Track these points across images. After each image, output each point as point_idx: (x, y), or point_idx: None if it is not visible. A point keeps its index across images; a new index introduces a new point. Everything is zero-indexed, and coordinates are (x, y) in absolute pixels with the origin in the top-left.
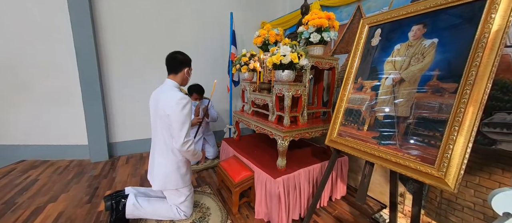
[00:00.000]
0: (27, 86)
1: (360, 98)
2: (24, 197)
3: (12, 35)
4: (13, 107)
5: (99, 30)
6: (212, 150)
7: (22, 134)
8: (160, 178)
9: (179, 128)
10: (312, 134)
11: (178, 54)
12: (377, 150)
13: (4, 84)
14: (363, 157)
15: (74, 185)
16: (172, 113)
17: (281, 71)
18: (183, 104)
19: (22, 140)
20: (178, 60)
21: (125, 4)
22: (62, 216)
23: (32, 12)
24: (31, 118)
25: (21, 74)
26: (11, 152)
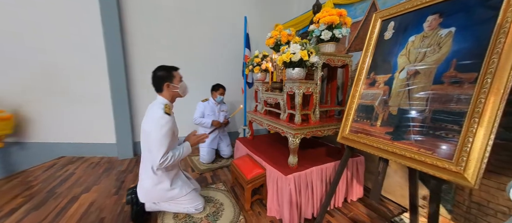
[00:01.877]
0: (67, 91)
1: (372, 93)
2: (63, 187)
3: (55, 48)
4: (56, 109)
5: (127, 42)
6: (227, 149)
7: (63, 133)
8: (142, 192)
9: (157, 148)
10: (325, 132)
11: (156, 71)
12: (391, 146)
13: (48, 90)
14: (376, 153)
15: (104, 179)
16: (151, 131)
17: (291, 69)
18: (161, 124)
19: (63, 138)
20: (156, 78)
21: (150, 15)
22: (93, 205)
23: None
24: (70, 119)
25: (62, 81)
26: (54, 149)
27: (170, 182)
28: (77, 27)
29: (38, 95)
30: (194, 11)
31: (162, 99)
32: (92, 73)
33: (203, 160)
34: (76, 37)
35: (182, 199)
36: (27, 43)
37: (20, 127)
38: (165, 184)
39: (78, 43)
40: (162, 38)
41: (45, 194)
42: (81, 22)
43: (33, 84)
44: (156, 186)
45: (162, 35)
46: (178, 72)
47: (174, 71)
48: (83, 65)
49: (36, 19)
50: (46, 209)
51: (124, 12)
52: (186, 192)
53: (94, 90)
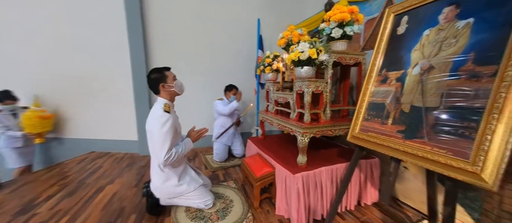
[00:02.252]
0: (97, 94)
1: (384, 90)
2: (91, 178)
3: (88, 55)
4: (88, 109)
5: (148, 48)
6: (240, 149)
7: (93, 130)
8: (154, 189)
9: (160, 146)
10: (335, 131)
11: (149, 75)
12: (402, 145)
13: (82, 92)
14: (387, 152)
15: (126, 172)
16: (153, 130)
17: (300, 68)
18: (162, 122)
19: (93, 135)
20: (151, 81)
21: (169, 22)
22: (116, 195)
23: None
24: (99, 118)
25: (93, 84)
26: (85, 145)
27: (178, 178)
28: (106, 36)
29: (74, 97)
30: (209, 16)
31: (162, 100)
32: (118, 77)
33: (216, 158)
34: (105, 46)
35: (191, 194)
36: (65, 52)
37: (59, 125)
38: (173, 180)
39: (106, 50)
40: (180, 43)
41: (76, 184)
42: (110, 32)
43: (70, 88)
44: (164, 183)
45: (180, 40)
46: (171, 71)
47: (166, 71)
48: (110, 70)
49: (72, 31)
50: (76, 197)
51: (146, 21)
52: (194, 188)
53: (119, 93)
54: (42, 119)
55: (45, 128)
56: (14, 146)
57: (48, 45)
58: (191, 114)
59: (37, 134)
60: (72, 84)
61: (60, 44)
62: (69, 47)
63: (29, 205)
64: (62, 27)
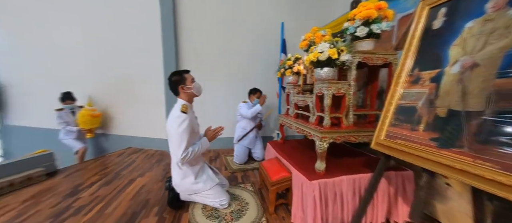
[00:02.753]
0: (136, 95)
1: (415, 93)
2: (126, 171)
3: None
4: (128, 109)
5: (179, 53)
6: (260, 152)
7: (131, 128)
8: (174, 185)
9: (177, 144)
10: (359, 138)
11: (170, 77)
12: (435, 154)
13: (124, 94)
14: (417, 162)
15: (155, 168)
16: (171, 129)
17: (319, 69)
18: (179, 122)
19: (131, 133)
20: (171, 84)
21: (198, 28)
22: (144, 187)
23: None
24: (136, 117)
25: (133, 87)
26: (124, 141)
27: (195, 176)
28: (144, 43)
29: (118, 99)
30: (234, 21)
31: (180, 101)
32: (152, 81)
33: (236, 160)
34: (142, 52)
35: (207, 193)
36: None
37: (106, 122)
38: (190, 177)
39: (143, 57)
40: (206, 48)
41: (114, 174)
42: (147, 40)
43: (115, 91)
44: (182, 180)
45: (206, 46)
46: (190, 74)
47: (186, 74)
48: (146, 75)
49: (116, 41)
50: (112, 186)
51: (178, 29)
52: (210, 186)
53: (153, 95)
54: (92, 117)
55: (94, 124)
56: (71, 137)
57: (99, 53)
58: (213, 116)
59: (88, 129)
60: (117, 87)
61: (107, 51)
62: (114, 55)
63: (76, 190)
64: (109, 37)
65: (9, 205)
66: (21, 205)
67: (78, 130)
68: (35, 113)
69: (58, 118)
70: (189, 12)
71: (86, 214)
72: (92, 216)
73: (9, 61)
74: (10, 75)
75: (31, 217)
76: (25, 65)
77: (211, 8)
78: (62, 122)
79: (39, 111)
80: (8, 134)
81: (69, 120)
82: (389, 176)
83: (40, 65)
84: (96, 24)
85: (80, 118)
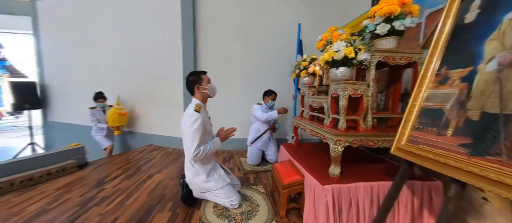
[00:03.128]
0: (157, 96)
1: (443, 93)
2: (146, 167)
3: (153, 64)
4: (149, 108)
5: (198, 56)
6: (274, 155)
7: (152, 126)
8: (188, 182)
9: (190, 142)
10: (379, 143)
11: (188, 76)
12: (466, 162)
13: (148, 95)
14: (443, 171)
15: (172, 165)
16: (185, 127)
17: (335, 69)
18: (191, 121)
19: (152, 131)
20: (188, 83)
21: (215, 31)
22: (161, 183)
23: (163, 47)
24: (157, 116)
25: (155, 88)
26: (146, 138)
27: (206, 175)
28: (166, 47)
29: (142, 98)
30: (251, 22)
31: (195, 100)
32: (172, 83)
33: (249, 161)
34: (164, 56)
35: (218, 192)
36: (137, 63)
37: (132, 121)
38: (202, 176)
39: (165, 60)
40: (223, 49)
41: (135, 169)
42: (169, 43)
43: (140, 91)
44: (194, 178)
45: (224, 47)
46: (206, 75)
47: (202, 74)
48: (167, 77)
49: (143, 46)
50: (133, 180)
51: (197, 32)
52: (221, 186)
53: (173, 95)
54: (120, 115)
55: (122, 122)
56: (102, 135)
57: (127, 57)
58: (228, 117)
59: (116, 126)
60: (141, 89)
61: (133, 56)
62: (139, 58)
63: (101, 181)
64: (135, 42)
65: (45, 192)
66: (55, 192)
67: (107, 127)
68: (72, 111)
69: (91, 116)
70: (208, 15)
71: (108, 205)
72: (113, 206)
73: (53, 64)
74: (53, 77)
75: (62, 204)
76: (65, 68)
77: (229, 10)
78: (94, 119)
79: (75, 109)
80: (50, 129)
81: (100, 118)
82: (414, 186)
83: (77, 68)
84: (124, 31)
85: (109, 116)
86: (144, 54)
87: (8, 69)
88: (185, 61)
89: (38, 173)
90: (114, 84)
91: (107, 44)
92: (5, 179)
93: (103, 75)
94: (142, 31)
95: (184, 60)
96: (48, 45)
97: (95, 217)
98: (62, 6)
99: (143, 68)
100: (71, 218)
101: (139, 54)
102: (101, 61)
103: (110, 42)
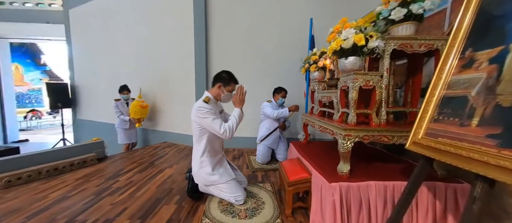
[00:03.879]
0: (173, 94)
1: (467, 79)
2: (158, 162)
3: (169, 63)
4: (165, 106)
5: (210, 52)
6: (283, 154)
7: (167, 124)
8: (193, 174)
9: (212, 127)
10: (394, 139)
11: (222, 72)
12: (495, 156)
13: (162, 92)
14: (467, 166)
15: (182, 161)
16: (194, 118)
17: (344, 59)
18: (202, 112)
19: (167, 128)
20: (217, 76)
21: (226, 31)
22: (170, 177)
23: (176, 48)
24: (172, 114)
25: (171, 86)
26: (161, 136)
27: (212, 168)
28: (179, 47)
29: (158, 97)
30: (262, 18)
31: (207, 93)
32: (185, 81)
33: (258, 159)
34: (178, 55)
35: (222, 186)
36: (154, 63)
37: (152, 117)
38: (207, 168)
39: (178, 59)
40: (234, 46)
41: (148, 164)
42: (182, 43)
43: (157, 89)
44: (199, 170)
45: (235, 44)
46: (235, 85)
47: (233, 82)
48: (180, 75)
49: (159, 47)
50: (145, 173)
51: (208, 30)
52: (226, 180)
53: (185, 94)
54: (141, 107)
55: (143, 115)
56: (124, 128)
57: (146, 58)
58: None
59: (137, 119)
60: (158, 87)
61: (151, 56)
62: (156, 58)
63: (116, 174)
64: (152, 43)
65: (66, 181)
66: (75, 182)
67: (129, 119)
68: (97, 110)
69: (115, 107)
70: (219, 13)
71: (120, 195)
72: (124, 197)
73: (81, 67)
74: (81, 79)
75: (80, 193)
76: (91, 70)
77: (240, 7)
78: (118, 110)
79: (100, 108)
80: (79, 126)
81: (123, 110)
82: (436, 187)
83: (102, 70)
84: (142, 33)
85: (131, 108)
86: (159, 56)
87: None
88: (197, 60)
89: (62, 163)
90: (134, 85)
91: (127, 47)
92: (34, 168)
93: (123, 76)
94: (158, 32)
95: (196, 60)
96: (77, 50)
97: (107, 206)
98: (89, 13)
99: (158, 68)
100: (86, 206)
101: (155, 55)
102: (122, 63)
103: (130, 45)
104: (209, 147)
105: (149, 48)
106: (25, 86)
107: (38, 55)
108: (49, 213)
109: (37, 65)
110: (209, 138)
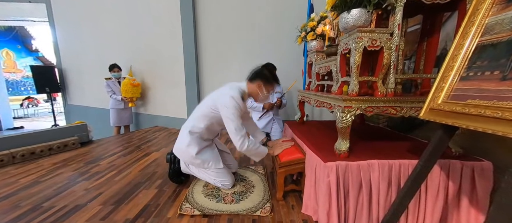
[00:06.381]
0: (164, 77)
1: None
2: (146, 145)
3: (153, 42)
4: (155, 90)
5: (198, 35)
6: (279, 135)
7: (158, 108)
8: (176, 150)
9: (228, 127)
10: (403, 110)
11: (267, 66)
12: None
13: (152, 74)
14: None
15: (171, 145)
16: (218, 106)
17: (346, 13)
18: (236, 107)
19: (158, 112)
20: (259, 72)
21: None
22: (155, 161)
23: (160, 29)
24: (164, 98)
25: (161, 69)
26: (152, 120)
27: (198, 149)
28: (167, 27)
29: (149, 80)
30: None
31: (245, 87)
32: (174, 63)
33: None
34: (164, 36)
35: (210, 170)
36: (142, 45)
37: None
38: (192, 148)
39: (165, 40)
40: (225, 22)
41: (134, 147)
42: (168, 24)
43: (146, 72)
44: (186, 147)
45: (226, 19)
46: (275, 87)
47: (275, 82)
48: (170, 56)
49: (146, 29)
50: (129, 157)
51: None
52: (208, 167)
53: (174, 77)
54: (133, 86)
55: (135, 94)
56: (117, 108)
57: (133, 41)
58: None
59: (129, 98)
60: (147, 70)
61: (138, 38)
62: (143, 41)
63: (98, 158)
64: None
65: (42, 166)
66: (51, 167)
67: (121, 98)
68: (87, 94)
69: (107, 87)
70: None
71: (97, 180)
72: (101, 182)
73: (67, 50)
74: (68, 63)
75: (53, 178)
76: (77, 53)
77: None
78: (110, 90)
79: (90, 92)
80: (71, 112)
81: (115, 89)
82: (450, 165)
83: (88, 53)
84: (130, 14)
85: (122, 86)
86: (147, 37)
87: (41, 60)
88: (185, 39)
89: (40, 147)
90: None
91: (113, 28)
92: (7, 152)
93: (111, 59)
94: (144, 10)
95: (184, 38)
96: (61, 31)
97: (80, 191)
98: None
99: (147, 51)
100: (57, 191)
101: (143, 37)
102: (109, 44)
103: (116, 25)
104: (205, 130)
105: (136, 31)
106: (19, 73)
107: (28, 40)
108: (15, 199)
109: (29, 51)
110: (213, 123)
